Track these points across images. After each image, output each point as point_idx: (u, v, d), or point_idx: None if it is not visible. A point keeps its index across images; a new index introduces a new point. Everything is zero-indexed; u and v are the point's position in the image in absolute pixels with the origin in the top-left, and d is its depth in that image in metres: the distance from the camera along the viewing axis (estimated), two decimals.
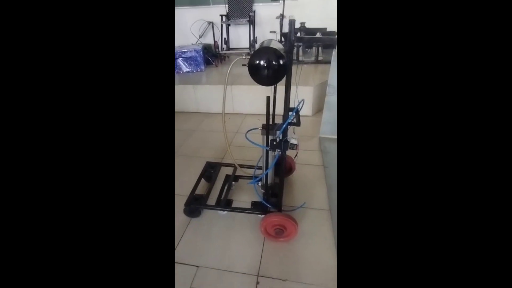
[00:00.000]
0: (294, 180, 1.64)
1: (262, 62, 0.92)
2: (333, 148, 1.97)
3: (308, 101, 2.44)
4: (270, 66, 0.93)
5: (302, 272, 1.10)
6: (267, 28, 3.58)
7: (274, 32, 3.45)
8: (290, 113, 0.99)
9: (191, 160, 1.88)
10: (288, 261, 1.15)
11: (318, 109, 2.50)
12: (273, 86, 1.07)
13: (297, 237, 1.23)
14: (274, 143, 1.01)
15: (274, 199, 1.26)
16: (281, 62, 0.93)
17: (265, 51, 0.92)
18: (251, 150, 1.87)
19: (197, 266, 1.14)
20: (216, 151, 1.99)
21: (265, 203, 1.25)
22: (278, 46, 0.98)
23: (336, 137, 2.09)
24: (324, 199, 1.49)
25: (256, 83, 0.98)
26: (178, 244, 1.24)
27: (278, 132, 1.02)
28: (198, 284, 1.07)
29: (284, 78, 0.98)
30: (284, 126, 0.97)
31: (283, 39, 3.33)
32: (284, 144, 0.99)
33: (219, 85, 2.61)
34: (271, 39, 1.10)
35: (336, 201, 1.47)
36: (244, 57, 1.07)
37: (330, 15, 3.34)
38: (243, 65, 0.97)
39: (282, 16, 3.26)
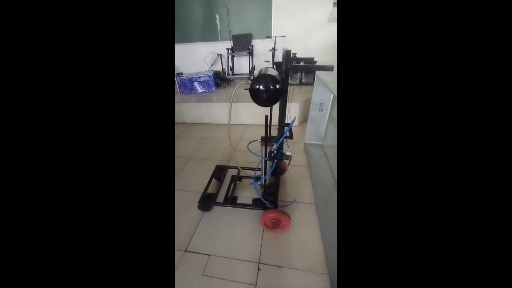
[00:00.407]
0: (286, 179, 1.52)
1: (261, 87, 0.80)
2: (315, 152, 1.85)
3: (295, 114, 2.32)
4: (268, 90, 0.80)
5: (294, 259, 0.98)
6: (263, 58, 3.46)
7: (268, 61, 3.33)
8: (286, 128, 0.86)
9: (204, 163, 1.75)
10: (283, 250, 1.03)
11: (303, 120, 2.38)
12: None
13: (290, 228, 1.11)
14: (272, 155, 0.89)
15: (271, 197, 1.14)
16: (277, 86, 0.80)
17: (264, 77, 0.79)
18: (252, 154, 1.75)
19: (209, 255, 1.01)
20: (224, 155, 1.86)
21: (264, 200, 1.13)
22: (274, 72, 0.86)
23: (317, 142, 1.97)
24: (310, 195, 1.36)
25: (248, 101, 0.86)
26: (193, 235, 1.12)
27: (274, 145, 0.90)
28: (209, 272, 0.94)
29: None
30: (280, 140, 0.85)
31: (274, 67, 3.21)
32: (280, 155, 0.87)
33: (226, 102, 2.47)
34: (268, 67, 0.97)
35: (320, 196, 1.35)
36: (246, 82, 0.94)
37: (312, 47, 3.23)
38: (245, 89, 0.85)
39: (274, 49, 3.13)
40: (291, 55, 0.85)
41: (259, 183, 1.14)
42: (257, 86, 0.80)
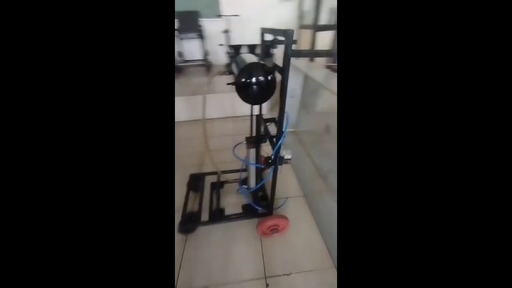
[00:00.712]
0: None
1: (250, 80, 0.61)
2: (290, 140, 1.80)
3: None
4: (259, 83, 0.62)
5: (300, 261, 0.92)
6: (215, 41, 3.07)
7: (222, 45, 2.98)
8: (284, 130, 0.72)
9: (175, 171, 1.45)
10: (286, 254, 0.95)
11: (271, 108, 2.28)
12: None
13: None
14: (269, 161, 0.74)
15: (264, 202, 1.01)
16: (269, 78, 0.63)
17: (253, 67, 0.61)
18: (229, 152, 1.56)
19: (206, 286, 0.84)
20: (196, 158, 1.60)
21: (256, 207, 1.00)
22: (255, 59, 0.67)
23: (290, 130, 1.92)
24: (297, 187, 1.32)
25: (214, 92, 0.67)
26: (180, 267, 0.90)
27: (272, 149, 0.75)
28: None
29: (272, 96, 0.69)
30: (279, 143, 0.70)
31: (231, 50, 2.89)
32: (279, 160, 0.73)
33: (184, 96, 2.10)
34: (245, 53, 0.78)
35: (306, 186, 1.31)
36: (221, 73, 0.73)
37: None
38: (228, 84, 0.64)
39: (228, 31, 2.80)
40: (271, 39, 0.68)
41: (246, 188, 0.99)
42: (245, 79, 0.61)
